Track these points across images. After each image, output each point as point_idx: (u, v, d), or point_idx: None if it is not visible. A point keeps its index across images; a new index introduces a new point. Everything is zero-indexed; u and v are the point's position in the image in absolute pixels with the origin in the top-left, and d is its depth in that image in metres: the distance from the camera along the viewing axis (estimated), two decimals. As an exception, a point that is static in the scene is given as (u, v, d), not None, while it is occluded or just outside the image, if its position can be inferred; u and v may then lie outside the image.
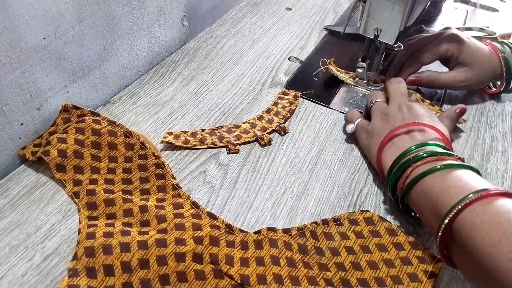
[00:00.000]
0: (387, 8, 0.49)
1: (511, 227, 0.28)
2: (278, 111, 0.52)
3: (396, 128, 0.42)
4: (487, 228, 0.29)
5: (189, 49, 0.62)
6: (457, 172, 0.35)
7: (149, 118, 0.49)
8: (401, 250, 0.37)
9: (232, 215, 0.40)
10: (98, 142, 0.42)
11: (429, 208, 0.35)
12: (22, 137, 0.42)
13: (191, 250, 0.34)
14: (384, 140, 0.42)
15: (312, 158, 0.47)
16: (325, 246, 0.37)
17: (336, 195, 0.43)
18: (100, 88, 0.51)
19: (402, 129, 0.42)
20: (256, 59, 0.62)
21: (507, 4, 0.89)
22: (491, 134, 0.53)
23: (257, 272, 0.34)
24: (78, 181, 0.39)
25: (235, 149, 0.46)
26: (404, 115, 0.43)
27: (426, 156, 0.37)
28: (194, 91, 0.54)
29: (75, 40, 0.44)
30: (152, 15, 0.55)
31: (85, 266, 0.32)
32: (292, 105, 0.53)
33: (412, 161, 0.38)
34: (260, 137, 0.47)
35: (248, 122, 0.50)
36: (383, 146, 0.42)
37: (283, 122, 0.51)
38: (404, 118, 0.43)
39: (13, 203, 0.38)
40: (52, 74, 0.43)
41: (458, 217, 0.31)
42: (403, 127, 0.42)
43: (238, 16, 0.72)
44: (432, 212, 0.34)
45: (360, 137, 0.47)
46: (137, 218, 0.37)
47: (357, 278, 0.35)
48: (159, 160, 0.42)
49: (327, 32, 0.71)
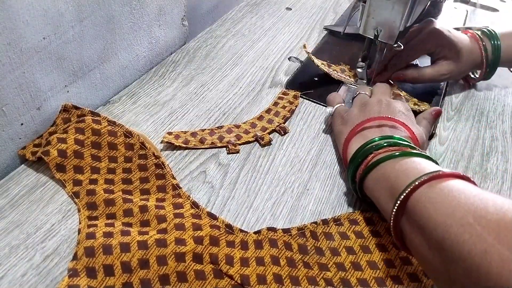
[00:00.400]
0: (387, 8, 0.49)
1: (464, 199, 0.29)
2: (278, 111, 0.52)
3: (368, 119, 0.43)
4: (442, 200, 0.30)
5: (189, 49, 0.62)
6: (415, 159, 0.36)
7: (149, 118, 0.49)
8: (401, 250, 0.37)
9: (232, 215, 0.40)
10: (98, 142, 0.42)
11: (386, 190, 0.36)
12: (22, 137, 0.42)
13: (191, 250, 0.34)
14: (355, 129, 0.43)
15: (312, 158, 0.47)
16: (325, 246, 0.37)
17: (336, 195, 0.43)
18: (100, 88, 0.51)
19: (374, 122, 0.43)
20: (256, 59, 0.62)
21: (507, 4, 0.89)
22: (491, 134, 0.53)
23: (257, 272, 0.34)
24: (78, 181, 0.39)
25: (235, 149, 0.46)
26: (380, 108, 0.44)
27: (388, 145, 0.38)
28: (194, 91, 0.54)
29: (75, 40, 0.44)
30: (152, 15, 0.55)
31: (85, 266, 0.32)
32: (292, 105, 0.53)
33: (374, 149, 0.39)
34: (260, 137, 0.47)
35: (248, 122, 0.50)
36: (352, 135, 0.43)
37: (283, 122, 0.51)
38: (380, 111, 0.44)
39: (13, 203, 0.38)
40: (52, 74, 0.43)
41: (414, 194, 0.32)
42: (376, 120, 0.43)
43: (238, 16, 0.72)
44: (389, 193, 0.35)
45: (335, 122, 0.48)
46: (137, 218, 0.37)
47: (357, 278, 0.35)
48: (159, 160, 0.42)
49: (327, 32, 0.71)
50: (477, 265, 0.26)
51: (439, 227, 0.29)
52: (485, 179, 0.47)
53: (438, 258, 0.29)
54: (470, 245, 0.27)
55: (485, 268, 0.25)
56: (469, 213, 0.28)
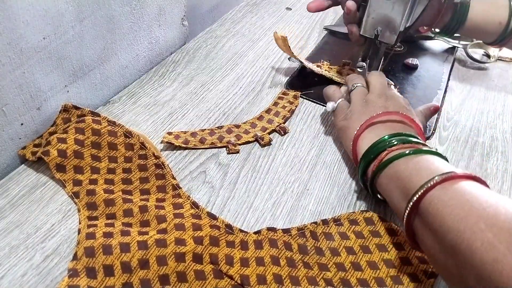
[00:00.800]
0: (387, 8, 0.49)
1: (477, 204, 0.29)
2: (278, 111, 0.52)
3: (376, 115, 0.43)
4: (455, 204, 0.30)
5: (189, 49, 0.62)
6: (428, 157, 0.36)
7: (149, 118, 0.49)
8: (401, 250, 0.37)
9: (232, 215, 0.40)
10: (98, 142, 0.42)
11: (399, 189, 0.36)
12: (22, 137, 0.42)
13: (191, 250, 0.34)
14: (363, 126, 0.43)
15: (312, 158, 0.47)
16: (325, 246, 0.37)
17: (336, 195, 0.43)
18: (100, 88, 0.51)
19: (381, 117, 0.43)
20: (256, 59, 0.62)
21: (507, 4, 0.89)
22: (491, 134, 0.53)
23: (257, 272, 0.34)
24: (78, 181, 0.39)
25: (235, 149, 0.46)
26: (384, 103, 0.44)
27: (401, 142, 0.38)
28: (194, 91, 0.54)
29: (75, 40, 0.44)
30: (152, 15, 0.55)
31: (85, 266, 0.32)
32: (292, 105, 0.53)
33: (387, 146, 0.39)
34: (260, 137, 0.47)
35: (248, 122, 0.50)
36: (361, 131, 0.43)
37: (283, 122, 0.51)
38: (386, 106, 0.44)
39: (13, 203, 0.38)
40: (52, 74, 0.43)
41: (427, 195, 0.32)
42: (383, 115, 0.43)
43: (238, 16, 0.72)
44: (401, 192, 0.35)
45: (337, 117, 0.48)
46: (137, 218, 0.37)
47: (357, 278, 0.35)
48: (159, 160, 0.42)
49: (327, 32, 0.71)
50: (488, 273, 0.26)
51: (451, 232, 0.29)
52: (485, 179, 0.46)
53: (451, 261, 0.29)
54: (482, 253, 0.26)
55: (496, 277, 0.25)
56: (481, 219, 0.28)
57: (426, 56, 0.67)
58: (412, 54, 0.66)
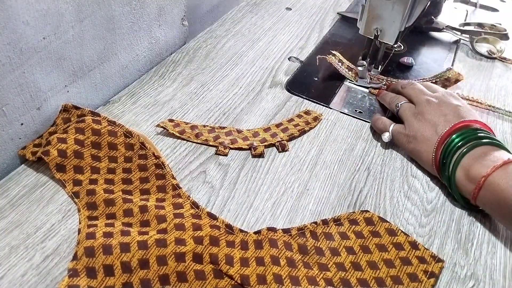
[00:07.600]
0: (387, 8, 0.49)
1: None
2: (288, 127, 0.49)
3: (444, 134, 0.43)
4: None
5: (189, 49, 0.62)
6: None
7: (149, 118, 0.49)
8: (401, 250, 0.37)
9: (232, 215, 0.40)
10: (98, 142, 0.42)
11: None
12: (22, 137, 0.42)
13: (191, 250, 0.34)
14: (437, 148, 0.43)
15: (312, 158, 0.47)
16: (325, 246, 0.37)
17: (336, 195, 0.43)
18: (100, 88, 0.51)
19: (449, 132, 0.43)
20: (256, 59, 0.62)
21: (507, 4, 0.89)
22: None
23: (257, 272, 0.34)
24: (78, 181, 0.39)
25: (223, 152, 0.45)
26: (439, 110, 0.45)
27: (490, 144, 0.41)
28: (194, 91, 0.54)
29: (75, 40, 0.44)
30: (152, 15, 0.55)
31: (85, 266, 0.32)
32: (307, 126, 0.50)
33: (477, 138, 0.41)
34: (254, 147, 0.46)
35: (252, 130, 0.49)
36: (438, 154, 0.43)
37: (287, 139, 0.48)
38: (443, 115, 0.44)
39: (13, 203, 0.38)
40: (52, 74, 0.43)
41: None
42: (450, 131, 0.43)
43: (238, 16, 0.72)
44: None
45: (401, 142, 0.47)
46: (137, 218, 0.37)
47: (357, 278, 0.35)
48: (159, 160, 0.42)
49: (327, 32, 0.71)
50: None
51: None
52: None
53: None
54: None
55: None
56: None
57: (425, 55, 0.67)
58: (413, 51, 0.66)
